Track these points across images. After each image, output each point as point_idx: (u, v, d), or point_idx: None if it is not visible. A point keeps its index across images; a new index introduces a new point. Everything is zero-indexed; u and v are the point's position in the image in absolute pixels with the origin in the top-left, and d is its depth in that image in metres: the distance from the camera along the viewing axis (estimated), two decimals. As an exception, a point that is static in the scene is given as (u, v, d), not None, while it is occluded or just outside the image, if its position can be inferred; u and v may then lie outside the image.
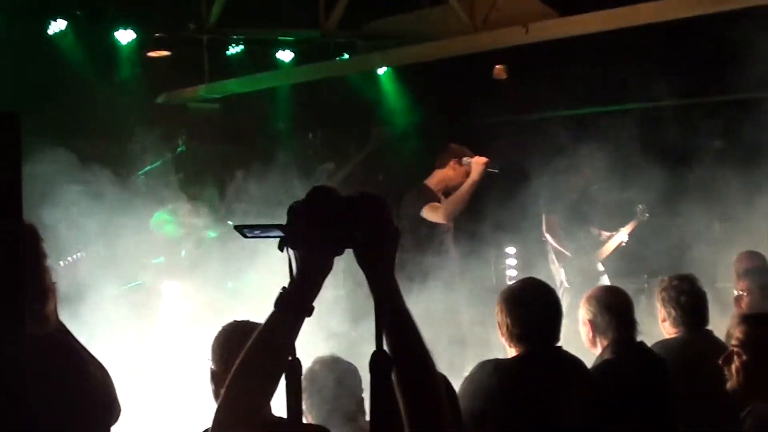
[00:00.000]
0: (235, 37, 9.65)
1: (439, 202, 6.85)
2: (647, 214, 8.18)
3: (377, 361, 1.88)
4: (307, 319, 1.97)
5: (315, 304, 1.98)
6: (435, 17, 8.23)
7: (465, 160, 6.73)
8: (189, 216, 7.95)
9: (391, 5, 9.19)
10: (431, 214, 6.74)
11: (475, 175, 6.59)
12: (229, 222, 8.94)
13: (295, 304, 1.94)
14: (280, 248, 1.92)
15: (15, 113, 2.13)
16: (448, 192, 6.92)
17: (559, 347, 3.75)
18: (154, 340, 7.76)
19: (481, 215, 7.69)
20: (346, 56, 9.94)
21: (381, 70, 10.37)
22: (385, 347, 1.89)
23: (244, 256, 8.65)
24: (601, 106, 10.23)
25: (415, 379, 1.94)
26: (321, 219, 1.88)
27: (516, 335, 3.71)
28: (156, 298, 7.76)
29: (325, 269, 1.95)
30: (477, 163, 6.60)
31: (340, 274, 9.01)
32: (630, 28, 6.99)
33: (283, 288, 1.94)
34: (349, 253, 1.95)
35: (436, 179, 6.96)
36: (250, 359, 1.96)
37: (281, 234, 1.91)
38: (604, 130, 9.18)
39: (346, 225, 1.89)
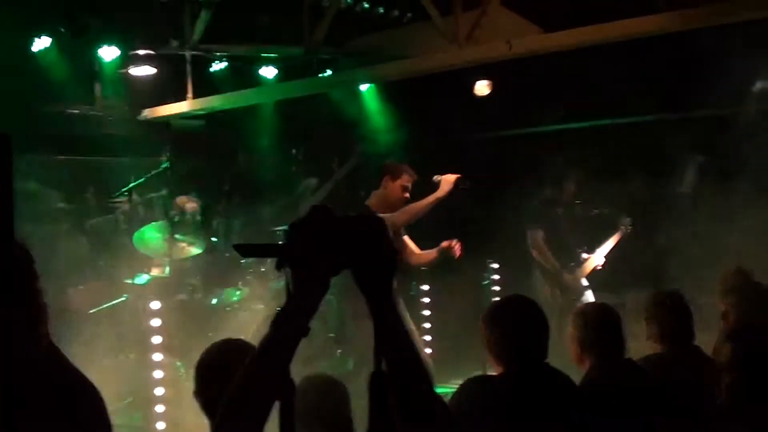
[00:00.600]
0: (218, 54, 9.66)
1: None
2: (630, 227, 8.20)
3: (375, 382, 1.88)
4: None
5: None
6: (418, 34, 8.27)
7: (435, 177, 6.67)
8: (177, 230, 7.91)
9: (375, 22, 9.23)
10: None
11: (440, 192, 6.52)
12: (213, 239, 8.93)
13: (291, 324, 1.93)
14: (278, 268, 1.91)
15: (6, 134, 2.12)
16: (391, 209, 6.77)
17: (546, 364, 3.75)
18: (137, 358, 7.75)
19: (465, 230, 7.68)
20: (329, 72, 9.96)
21: (364, 87, 10.40)
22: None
23: (227, 273, 8.66)
24: (582, 121, 10.29)
25: (414, 402, 1.92)
26: (319, 239, 1.87)
27: (502, 352, 3.70)
28: (140, 315, 7.72)
29: (322, 290, 1.94)
30: (446, 181, 6.55)
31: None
32: (611, 44, 7.03)
33: (279, 308, 1.94)
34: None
35: (374, 200, 6.85)
36: (245, 380, 1.94)
37: (279, 253, 1.90)
38: (585, 144, 9.24)
39: (344, 245, 1.88)
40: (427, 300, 8.96)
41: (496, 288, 9.39)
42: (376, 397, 1.89)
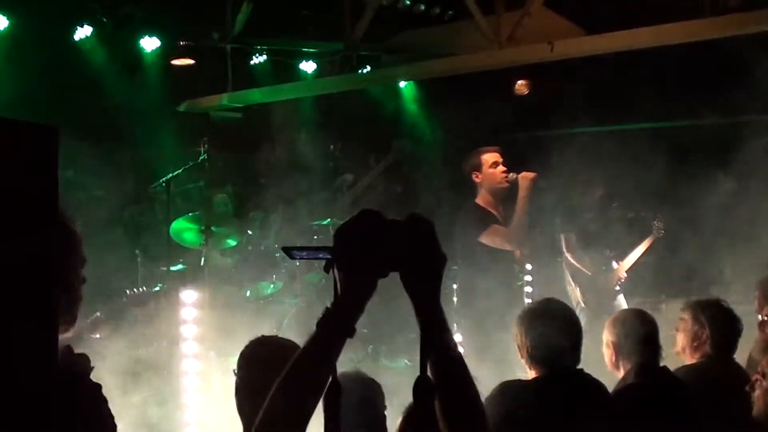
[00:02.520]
0: (258, 47, 9.67)
1: (497, 221, 6.65)
2: (663, 231, 8.08)
3: (421, 387, 1.88)
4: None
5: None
6: (460, 32, 8.24)
7: (511, 176, 6.60)
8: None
9: (416, 19, 9.21)
10: (495, 239, 6.58)
11: (524, 191, 6.47)
12: (249, 231, 8.96)
13: (338, 325, 1.93)
14: (326, 270, 1.92)
15: (53, 126, 2.14)
16: (498, 198, 6.67)
17: (580, 369, 3.72)
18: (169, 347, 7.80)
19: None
20: (369, 69, 9.95)
21: (402, 83, 10.38)
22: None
23: (262, 266, 8.70)
24: (618, 124, 10.21)
25: (458, 409, 1.94)
26: (368, 243, 1.87)
27: (536, 357, 3.68)
28: (175, 304, 7.77)
29: (369, 291, 1.94)
30: (524, 178, 6.49)
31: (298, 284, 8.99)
32: (652, 48, 6.98)
33: (327, 308, 1.93)
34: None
35: (480, 198, 6.65)
36: (291, 378, 1.95)
37: (328, 256, 1.91)
38: (620, 147, 9.16)
39: (392, 248, 1.88)
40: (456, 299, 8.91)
41: (528, 289, 9.33)
42: (421, 403, 1.89)
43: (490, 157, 6.66)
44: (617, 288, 7.97)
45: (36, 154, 2.06)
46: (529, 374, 3.72)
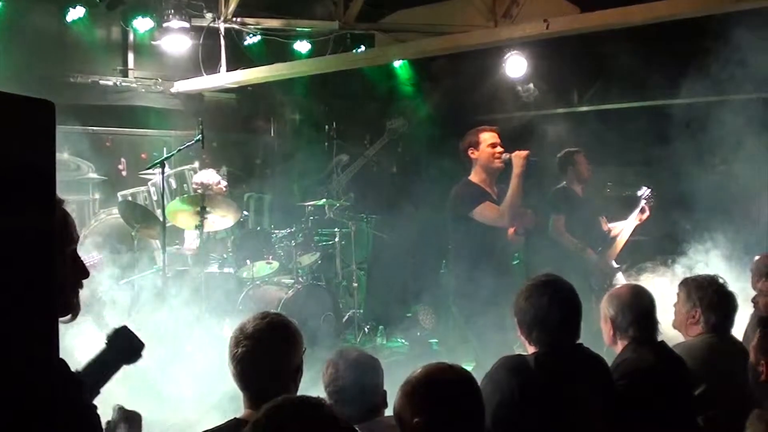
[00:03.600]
0: (252, 27, 9.61)
1: (490, 198, 6.65)
2: (652, 198, 8.02)
3: None
4: None
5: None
6: (455, 10, 8.20)
7: (505, 155, 6.61)
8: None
9: (410, -2, 9.16)
10: (486, 215, 6.58)
11: (517, 169, 6.47)
12: (245, 212, 8.94)
13: None
14: None
15: (50, 101, 2.12)
16: (492, 177, 6.67)
17: (579, 344, 3.73)
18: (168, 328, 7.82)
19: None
20: (363, 47, 9.92)
21: (397, 63, 10.34)
22: None
23: (258, 247, 8.69)
24: (614, 102, 10.20)
25: None
26: None
27: (534, 333, 3.68)
28: (170, 286, 7.78)
29: None
30: (518, 157, 6.49)
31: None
32: (648, 25, 6.95)
33: None
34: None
35: (473, 175, 6.68)
36: None
37: None
38: (615, 126, 9.16)
39: None
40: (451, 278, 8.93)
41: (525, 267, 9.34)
42: None
43: (488, 137, 6.67)
44: (615, 266, 7.97)
45: (33, 128, 2.04)
46: (529, 350, 3.72)
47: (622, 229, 7.94)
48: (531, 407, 3.44)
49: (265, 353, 3.11)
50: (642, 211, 7.88)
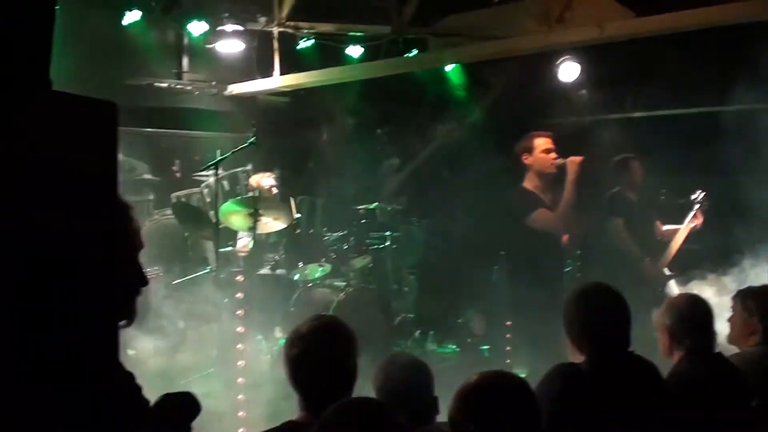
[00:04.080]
0: (305, 31, 9.66)
1: (544, 204, 6.63)
2: (705, 202, 7.89)
3: None
4: None
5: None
6: (508, 15, 8.17)
7: (558, 161, 6.60)
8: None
9: (464, 2, 9.13)
10: (541, 222, 6.55)
11: (572, 175, 6.45)
12: (297, 215, 8.98)
13: None
14: None
15: (113, 102, 2.14)
16: (546, 183, 6.66)
17: (630, 352, 3.68)
18: (220, 330, 7.88)
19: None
20: (415, 52, 9.91)
21: (449, 67, 10.32)
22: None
23: (310, 249, 8.72)
24: (665, 108, 10.07)
25: None
26: None
27: (585, 341, 3.66)
28: (223, 288, 7.83)
29: None
30: (572, 162, 6.47)
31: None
32: (704, 30, 6.87)
33: None
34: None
35: (527, 182, 6.68)
36: None
37: None
38: (665, 132, 9.05)
39: None
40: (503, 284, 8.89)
41: (579, 275, 9.25)
42: None
43: (542, 142, 6.66)
44: (668, 273, 7.87)
45: (96, 129, 2.06)
46: (578, 358, 3.69)
47: (676, 236, 7.83)
48: (583, 415, 3.40)
49: (319, 354, 3.12)
50: (695, 216, 7.76)
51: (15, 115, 1.89)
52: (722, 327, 4.58)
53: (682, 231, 7.78)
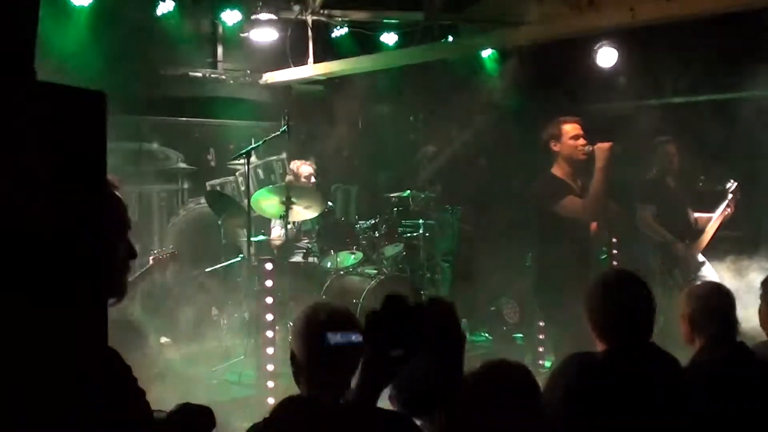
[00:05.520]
0: (339, 19, 9.66)
1: (573, 191, 6.56)
2: (738, 191, 7.78)
3: None
4: None
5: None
6: (539, 0, 8.09)
7: (588, 148, 6.51)
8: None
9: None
10: (570, 209, 6.49)
11: (601, 162, 6.34)
12: (329, 203, 8.99)
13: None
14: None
15: (101, 91, 2.15)
16: (575, 169, 6.60)
17: (651, 342, 3.62)
18: (250, 317, 7.92)
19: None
20: (450, 39, 9.87)
21: (485, 53, 10.26)
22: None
23: (343, 237, 8.72)
24: (712, 93, 9.90)
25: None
26: (394, 324, 2.05)
27: (605, 329, 3.61)
28: (255, 275, 7.88)
29: (388, 381, 2.14)
30: (601, 149, 6.37)
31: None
32: (738, 14, 6.73)
33: (345, 399, 2.26)
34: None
35: (556, 168, 6.58)
36: None
37: (359, 339, 2.15)
38: (702, 119, 8.90)
39: (415, 330, 2.05)
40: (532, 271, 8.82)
41: (615, 263, 9.16)
42: None
43: (571, 128, 6.57)
44: (701, 260, 7.78)
45: (83, 117, 2.07)
46: (599, 347, 3.65)
47: (709, 223, 7.74)
48: (598, 405, 3.36)
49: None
50: (728, 205, 7.66)
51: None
52: (751, 315, 4.51)
53: (715, 219, 7.69)
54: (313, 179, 8.77)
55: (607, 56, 8.80)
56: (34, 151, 1.94)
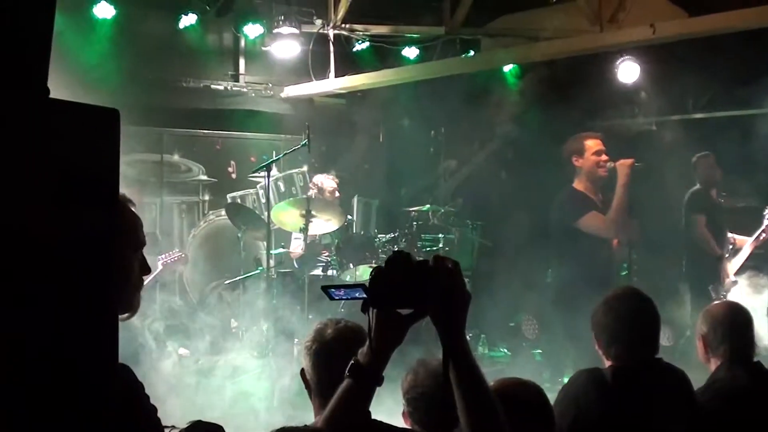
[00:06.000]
0: (360, 33, 9.69)
1: (596, 207, 6.56)
2: None
3: (442, 410, 2.11)
4: None
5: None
6: (561, 15, 8.10)
7: (609, 164, 6.52)
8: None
9: (517, 2, 9.07)
10: (591, 225, 6.48)
11: (622, 179, 6.36)
12: (349, 216, 9.02)
13: (367, 374, 2.12)
14: (363, 310, 2.06)
15: (115, 109, 2.17)
16: (596, 184, 6.59)
17: (659, 359, 3.63)
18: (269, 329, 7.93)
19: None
20: (471, 53, 9.87)
21: (506, 67, 10.26)
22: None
23: (362, 250, 8.73)
24: (733, 109, 9.85)
25: (483, 428, 2.09)
26: (399, 281, 2.00)
27: (612, 347, 3.61)
28: (275, 287, 7.90)
29: (397, 340, 2.11)
30: (622, 165, 6.39)
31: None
32: (760, 30, 6.71)
33: (355, 359, 2.12)
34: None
35: (578, 182, 6.61)
36: (328, 427, 2.16)
37: (364, 295, 2.05)
38: (725, 134, 8.86)
39: (421, 287, 2.00)
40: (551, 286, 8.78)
41: (635, 279, 9.10)
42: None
43: (593, 144, 6.59)
44: (734, 280, 7.71)
45: (97, 135, 2.09)
46: (606, 363, 3.66)
47: (743, 245, 7.71)
48: (607, 421, 3.36)
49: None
50: (765, 230, 7.62)
51: (10, 123, 1.92)
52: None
53: (750, 242, 7.65)
54: (337, 194, 8.80)
55: (628, 71, 8.76)
56: (46, 168, 1.96)
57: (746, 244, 7.70)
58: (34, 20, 2.07)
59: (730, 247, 7.84)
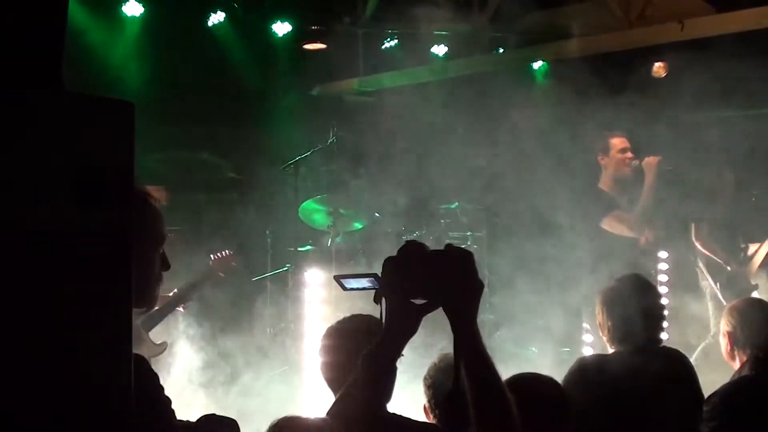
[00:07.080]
0: (389, 30, 9.69)
1: (620, 206, 6.53)
2: None
3: (453, 400, 1.99)
4: None
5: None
6: (589, 12, 8.05)
7: (634, 163, 6.48)
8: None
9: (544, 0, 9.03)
10: (616, 225, 6.45)
11: (649, 177, 6.33)
12: (376, 214, 9.02)
13: (381, 363, 2.10)
14: (376, 300, 2.07)
15: (130, 102, 2.18)
16: (622, 183, 6.57)
17: (663, 346, 3.75)
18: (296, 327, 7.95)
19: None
20: (501, 51, 9.83)
21: (535, 65, 10.21)
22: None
23: (389, 247, 8.72)
24: (757, 108, 9.73)
25: (493, 418, 2.05)
26: (411, 270, 2.00)
27: (616, 336, 3.70)
28: (301, 284, 7.91)
29: (410, 330, 2.08)
30: (649, 164, 6.35)
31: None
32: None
33: (369, 349, 2.10)
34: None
35: (603, 182, 6.61)
36: (341, 415, 2.26)
37: (377, 285, 2.09)
38: (758, 132, 8.75)
39: (433, 276, 2.00)
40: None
41: (663, 278, 9.03)
42: (452, 414, 2.03)
43: (618, 142, 6.56)
44: (753, 284, 7.62)
45: (111, 128, 2.10)
46: (610, 350, 3.73)
47: (760, 249, 7.60)
48: (609, 403, 3.38)
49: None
50: None
51: (25, 114, 1.94)
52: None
53: (763, 247, 7.54)
54: (363, 191, 8.80)
55: (660, 68, 8.70)
56: (60, 160, 1.97)
57: (762, 246, 7.59)
58: (49, 9, 2.08)
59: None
